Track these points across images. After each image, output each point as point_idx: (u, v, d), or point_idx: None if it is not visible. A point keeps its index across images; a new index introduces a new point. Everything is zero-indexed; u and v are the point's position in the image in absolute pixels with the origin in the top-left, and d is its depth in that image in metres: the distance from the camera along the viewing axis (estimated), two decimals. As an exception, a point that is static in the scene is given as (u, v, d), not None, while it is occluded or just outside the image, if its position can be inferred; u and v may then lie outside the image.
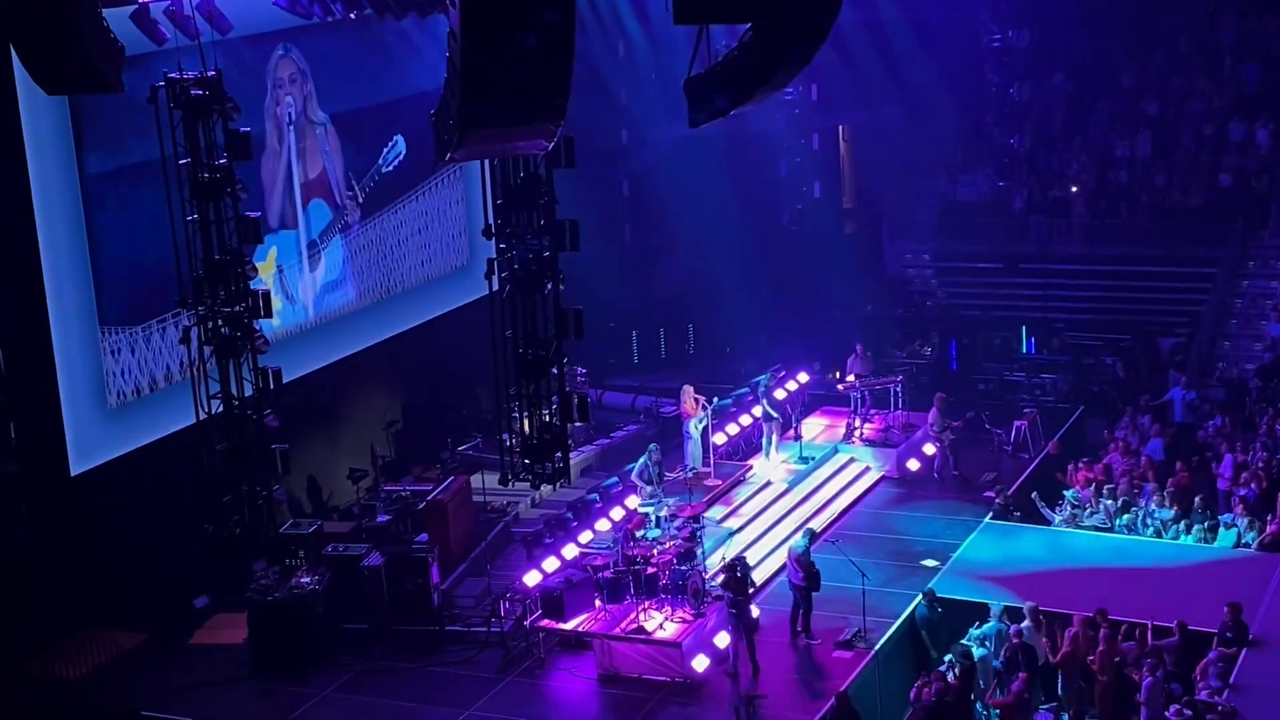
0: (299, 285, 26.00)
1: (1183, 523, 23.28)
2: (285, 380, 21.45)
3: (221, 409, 20.80)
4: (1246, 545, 22.55)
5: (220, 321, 20.59)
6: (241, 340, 20.71)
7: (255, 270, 21.03)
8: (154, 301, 22.47)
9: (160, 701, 20.74)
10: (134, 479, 22.48)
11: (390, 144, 27.80)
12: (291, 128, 25.68)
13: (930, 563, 23.27)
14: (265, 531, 21.57)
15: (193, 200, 20.28)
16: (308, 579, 21.89)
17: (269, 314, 21.13)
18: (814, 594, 21.31)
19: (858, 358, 28.01)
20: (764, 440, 26.74)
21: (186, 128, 19.98)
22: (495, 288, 20.44)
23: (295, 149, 25.82)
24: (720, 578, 21.06)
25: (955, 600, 21.29)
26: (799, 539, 21.91)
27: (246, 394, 20.88)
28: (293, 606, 21.58)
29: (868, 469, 27.16)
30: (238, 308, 20.62)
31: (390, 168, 27.87)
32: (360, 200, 27.29)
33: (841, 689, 19.05)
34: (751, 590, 21.17)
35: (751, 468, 26.23)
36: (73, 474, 21.83)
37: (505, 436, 21.27)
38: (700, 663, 20.55)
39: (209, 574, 22.74)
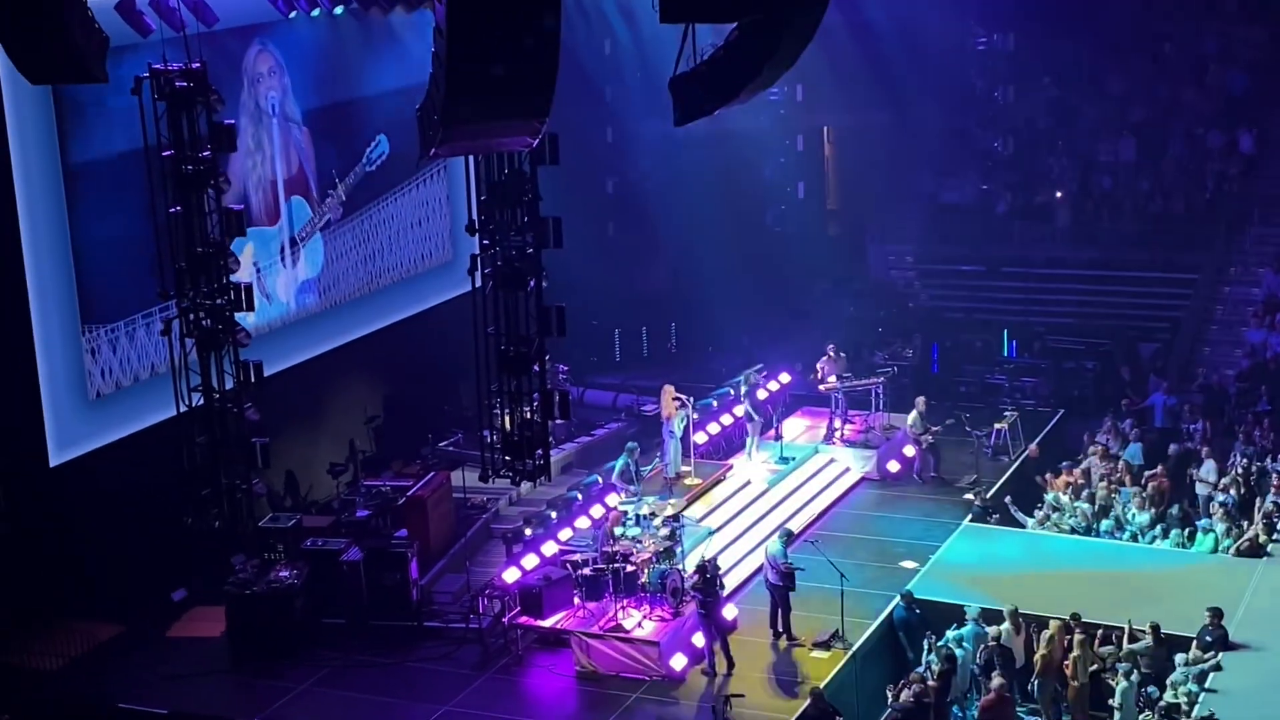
0: (277, 283, 25.91)
1: (1160, 527, 23.37)
2: (266, 374, 21.44)
3: (202, 402, 20.77)
4: (1224, 551, 22.64)
5: (202, 314, 20.55)
6: (223, 333, 20.68)
7: (237, 263, 21.00)
8: (136, 294, 22.39)
9: (137, 694, 20.68)
10: (113, 471, 22.43)
11: (374, 143, 27.74)
12: (275, 120, 25.64)
13: (909, 564, 23.32)
14: (244, 525, 21.53)
15: (175, 192, 20.24)
16: (286, 573, 21.87)
17: (250, 308, 21.08)
18: (790, 594, 21.36)
19: (830, 360, 28.02)
20: (748, 440, 26.78)
21: (170, 119, 19.94)
22: (478, 284, 20.44)
23: (278, 144, 25.78)
24: (694, 578, 21.11)
25: (933, 602, 21.34)
26: (775, 541, 21.94)
27: (227, 387, 20.85)
28: (271, 600, 21.57)
29: (848, 470, 27.19)
30: (219, 301, 20.59)
31: (374, 167, 27.82)
32: (344, 198, 27.22)
33: (817, 687, 19.11)
34: (722, 592, 21.20)
35: (732, 467, 26.24)
36: (52, 465, 21.78)
37: (486, 433, 21.26)
38: (678, 661, 20.59)
39: (187, 566, 22.73)
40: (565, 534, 23.51)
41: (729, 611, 21.19)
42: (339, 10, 25.88)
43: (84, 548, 21.86)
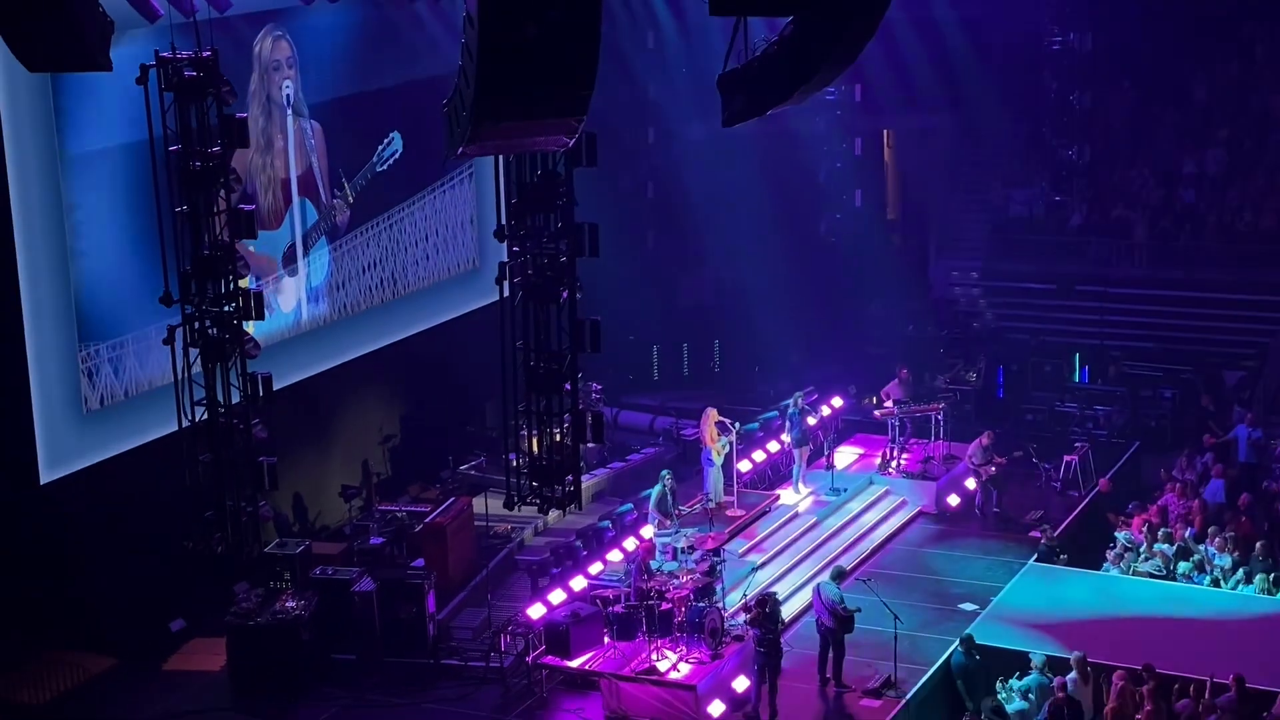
0: (279, 294, 25.88)
1: (1242, 571, 23.18)
2: (275, 387, 21.49)
3: (206, 416, 20.84)
4: (1315, 598, 22.45)
5: (208, 322, 20.63)
6: (230, 343, 20.75)
7: (247, 267, 21.06)
8: (138, 302, 22.40)
9: (129, 731, 20.79)
10: (109, 489, 22.52)
11: (386, 141, 27.74)
12: (290, 112, 25.72)
13: (969, 606, 23.25)
14: (249, 551, 21.60)
15: (182, 190, 20.32)
16: (293, 603, 21.91)
17: (260, 316, 21.16)
18: (846, 636, 21.32)
19: (900, 382, 27.97)
20: (794, 469, 26.73)
21: (178, 111, 20.01)
22: (506, 294, 20.47)
23: (292, 139, 25.86)
24: (743, 615, 21.05)
25: (995, 648, 21.21)
26: (829, 581, 21.86)
27: (234, 401, 20.91)
28: (276, 633, 21.59)
29: (904, 503, 27.12)
30: (227, 308, 20.66)
31: (385, 167, 27.80)
32: (350, 200, 27.19)
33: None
34: (781, 628, 21.17)
35: (778, 498, 26.20)
36: (42, 482, 21.86)
37: (512, 456, 21.28)
38: (716, 708, 20.51)
39: (186, 595, 22.76)
40: (595, 568, 23.50)
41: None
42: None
43: (75, 572, 21.91)
